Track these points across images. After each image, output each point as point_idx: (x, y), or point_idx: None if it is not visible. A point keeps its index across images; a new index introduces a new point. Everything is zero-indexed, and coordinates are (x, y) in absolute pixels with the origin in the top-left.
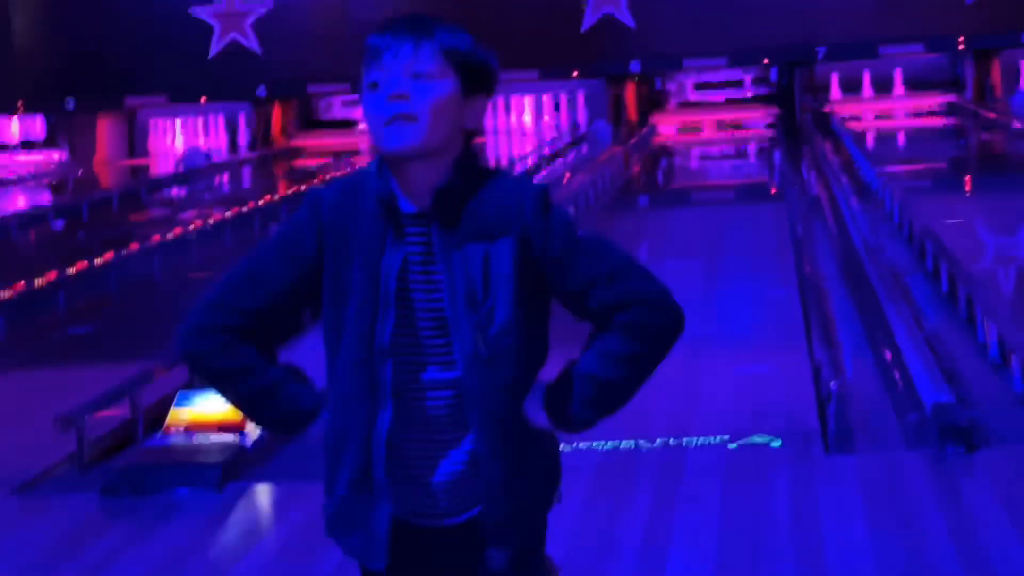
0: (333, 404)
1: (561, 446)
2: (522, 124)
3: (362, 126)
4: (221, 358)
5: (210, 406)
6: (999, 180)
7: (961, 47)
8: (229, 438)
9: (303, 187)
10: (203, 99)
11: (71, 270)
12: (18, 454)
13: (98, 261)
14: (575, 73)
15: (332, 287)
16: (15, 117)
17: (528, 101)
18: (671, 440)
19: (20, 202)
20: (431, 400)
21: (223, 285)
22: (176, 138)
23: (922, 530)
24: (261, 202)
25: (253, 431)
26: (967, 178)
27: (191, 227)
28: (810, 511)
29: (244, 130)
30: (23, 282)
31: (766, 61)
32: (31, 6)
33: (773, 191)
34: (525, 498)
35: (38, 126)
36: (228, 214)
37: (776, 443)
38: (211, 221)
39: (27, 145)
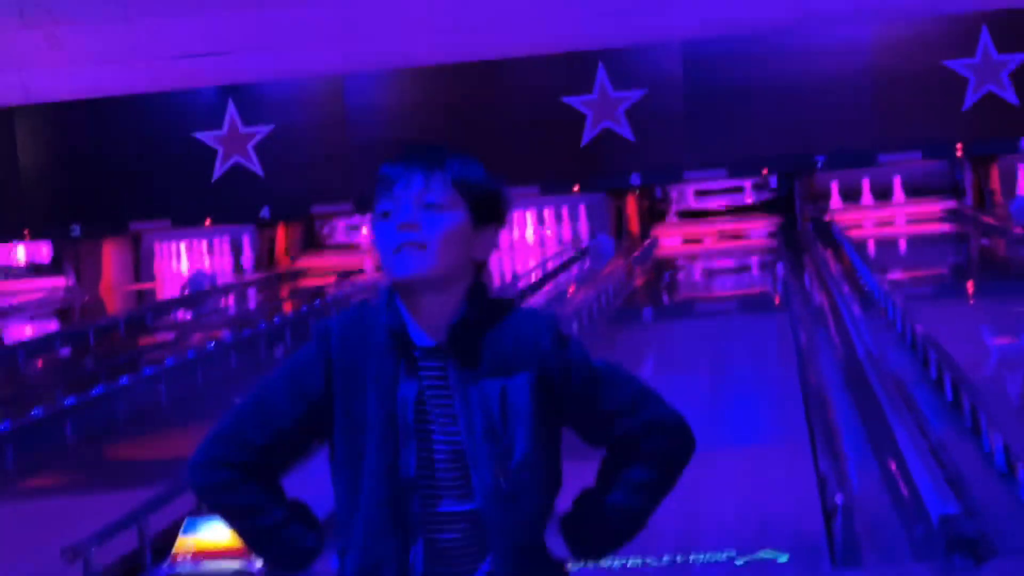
0: (357, 540)
1: (569, 565)
2: (524, 239)
3: (366, 247)
4: (227, 494)
5: (217, 533)
6: (1001, 286)
7: (959, 154)
8: (236, 565)
9: (309, 307)
10: (207, 222)
11: (78, 397)
12: None
13: (104, 387)
14: (576, 188)
15: (344, 421)
16: (21, 243)
17: (530, 215)
18: (678, 557)
19: (27, 330)
20: (446, 532)
21: (232, 418)
22: (182, 261)
23: None
24: (266, 323)
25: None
26: (969, 284)
27: (197, 351)
28: None
29: (248, 252)
30: (30, 409)
31: (765, 172)
32: (36, 133)
33: (776, 301)
34: None
35: (44, 251)
36: (234, 336)
37: (783, 558)
38: (216, 344)
39: (34, 269)
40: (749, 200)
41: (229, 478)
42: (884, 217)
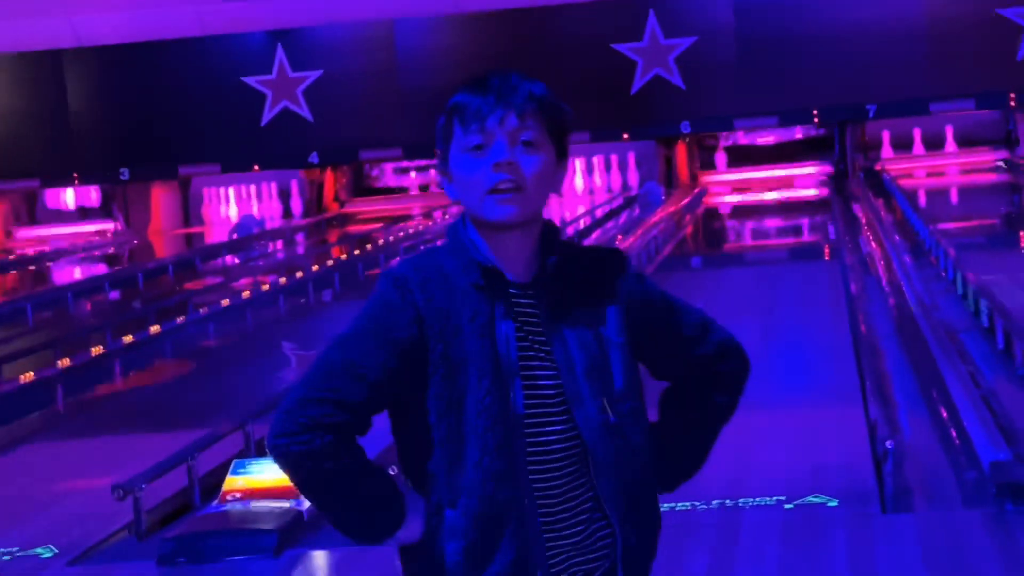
0: (473, 488)
1: None
2: (573, 186)
3: (414, 192)
4: (328, 460)
5: (266, 473)
6: None
7: (1013, 104)
8: (285, 504)
9: (356, 252)
10: (255, 168)
11: (127, 339)
12: (75, 524)
13: (153, 329)
14: (626, 136)
15: (443, 365)
16: (71, 187)
17: (579, 163)
18: (727, 501)
19: (76, 272)
20: (556, 472)
21: (318, 380)
22: (230, 206)
23: None
24: (314, 268)
25: None
26: (1022, 234)
27: (245, 294)
28: (868, 571)
29: (297, 197)
30: (80, 351)
31: (816, 120)
32: (85, 78)
33: (826, 249)
34: (651, 559)
35: (93, 195)
36: (282, 281)
37: (833, 503)
38: (265, 288)
39: (83, 213)
40: (799, 135)
41: (331, 441)
42: (936, 167)
